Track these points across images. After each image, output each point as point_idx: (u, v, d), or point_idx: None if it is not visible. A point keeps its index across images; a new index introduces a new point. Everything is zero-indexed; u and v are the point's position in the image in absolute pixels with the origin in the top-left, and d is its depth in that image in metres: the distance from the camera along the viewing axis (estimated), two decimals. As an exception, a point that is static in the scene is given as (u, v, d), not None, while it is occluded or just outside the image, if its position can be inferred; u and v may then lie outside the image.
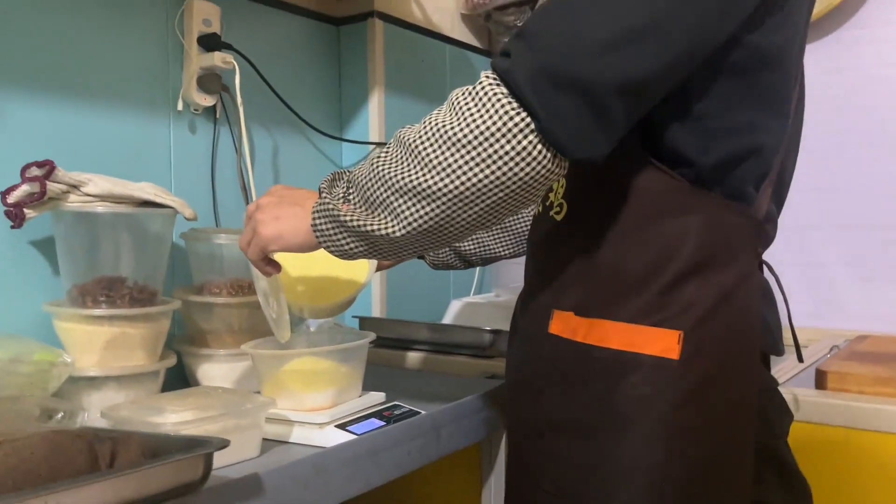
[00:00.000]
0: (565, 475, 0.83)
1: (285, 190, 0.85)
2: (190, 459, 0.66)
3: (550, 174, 0.69)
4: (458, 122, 0.68)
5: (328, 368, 1.00)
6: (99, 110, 1.18)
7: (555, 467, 0.83)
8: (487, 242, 1.15)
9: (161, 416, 0.84)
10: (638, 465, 0.77)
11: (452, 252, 1.17)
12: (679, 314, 0.76)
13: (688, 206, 0.77)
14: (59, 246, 1.06)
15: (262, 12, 1.44)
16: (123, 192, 1.05)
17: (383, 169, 0.73)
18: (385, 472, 0.92)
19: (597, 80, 0.66)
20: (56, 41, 1.13)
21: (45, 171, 0.99)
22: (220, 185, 1.36)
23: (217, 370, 1.18)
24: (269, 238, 0.82)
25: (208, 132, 1.35)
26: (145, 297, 1.07)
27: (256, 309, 1.18)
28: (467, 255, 1.18)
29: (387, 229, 0.73)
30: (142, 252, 1.08)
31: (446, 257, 1.17)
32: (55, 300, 1.06)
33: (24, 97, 1.09)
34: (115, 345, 1.03)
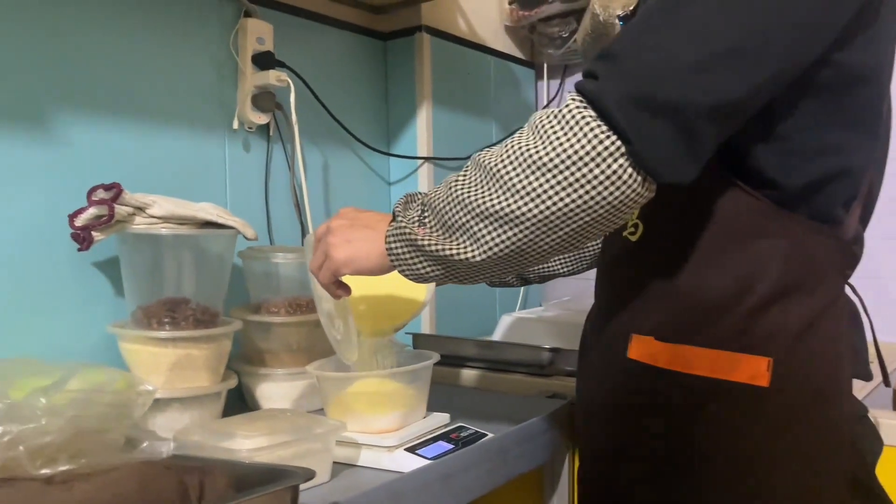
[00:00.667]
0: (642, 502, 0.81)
1: (356, 212, 0.84)
2: (278, 492, 0.65)
3: (639, 197, 0.68)
4: (544, 145, 0.67)
5: (395, 390, 0.99)
6: (158, 131, 1.19)
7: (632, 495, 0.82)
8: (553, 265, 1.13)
9: (234, 441, 0.83)
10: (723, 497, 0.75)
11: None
12: (767, 340, 0.74)
13: (773, 228, 0.75)
14: (124, 267, 1.06)
15: (310, 28, 1.44)
16: (186, 213, 1.05)
17: (462, 193, 0.72)
18: (457, 496, 0.91)
19: (688, 104, 0.65)
20: (116, 65, 1.13)
21: (113, 193, 0.99)
22: (273, 202, 1.36)
23: (276, 390, 1.18)
24: (341, 261, 0.81)
25: (262, 150, 1.35)
26: (208, 318, 1.07)
27: (314, 328, 1.18)
28: (525, 273, 1.17)
29: (466, 254, 0.72)
30: (204, 273, 1.08)
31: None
32: (119, 321, 1.07)
33: (88, 120, 1.10)
34: (179, 366, 1.03)
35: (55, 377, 0.68)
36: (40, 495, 0.59)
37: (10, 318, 1.01)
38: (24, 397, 0.65)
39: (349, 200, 1.50)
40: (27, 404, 0.64)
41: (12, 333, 1.00)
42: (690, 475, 0.76)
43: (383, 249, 0.79)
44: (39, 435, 0.62)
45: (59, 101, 1.07)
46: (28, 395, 0.65)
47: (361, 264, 0.81)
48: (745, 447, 0.74)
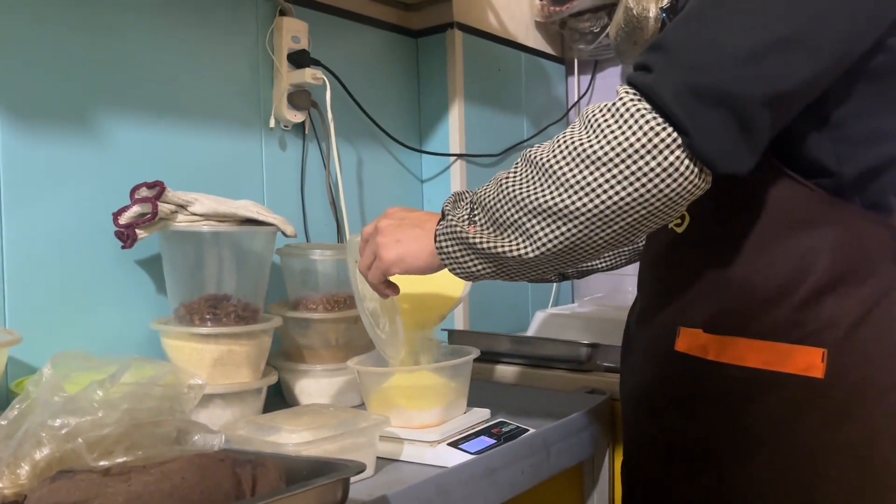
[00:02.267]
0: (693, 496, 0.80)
1: (403, 212, 0.84)
2: (331, 484, 0.65)
3: (696, 189, 0.67)
4: (598, 139, 0.67)
5: (437, 385, 0.99)
6: (198, 130, 1.20)
7: (681, 488, 0.81)
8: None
9: (280, 435, 0.84)
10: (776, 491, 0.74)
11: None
12: (820, 330, 0.73)
13: (824, 217, 0.74)
14: (167, 265, 1.07)
15: (344, 27, 1.45)
16: (227, 210, 1.05)
17: (514, 189, 0.72)
18: (501, 491, 0.90)
19: (744, 94, 0.64)
20: (157, 66, 1.15)
21: (156, 191, 1.00)
22: (309, 199, 1.37)
23: (315, 385, 1.18)
24: (391, 261, 0.81)
25: (297, 148, 1.36)
26: (249, 315, 1.07)
27: (353, 324, 1.19)
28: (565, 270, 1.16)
29: (519, 250, 0.71)
30: (245, 270, 1.09)
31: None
32: (162, 317, 1.08)
33: (130, 120, 1.11)
34: (221, 362, 1.04)
35: (109, 370, 0.69)
36: (100, 486, 0.59)
37: (57, 314, 1.02)
38: (82, 390, 0.65)
39: (383, 197, 1.51)
40: (84, 397, 0.65)
41: (59, 329, 1.02)
42: (743, 468, 0.75)
43: (433, 248, 0.78)
44: (97, 427, 0.63)
45: (102, 102, 1.08)
46: (85, 389, 0.65)
47: (411, 263, 0.81)
48: (799, 440, 0.73)
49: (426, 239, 0.79)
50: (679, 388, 0.81)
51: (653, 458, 0.85)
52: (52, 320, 1.02)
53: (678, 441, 0.81)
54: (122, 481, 0.60)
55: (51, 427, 0.62)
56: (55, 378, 0.67)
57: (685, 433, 0.80)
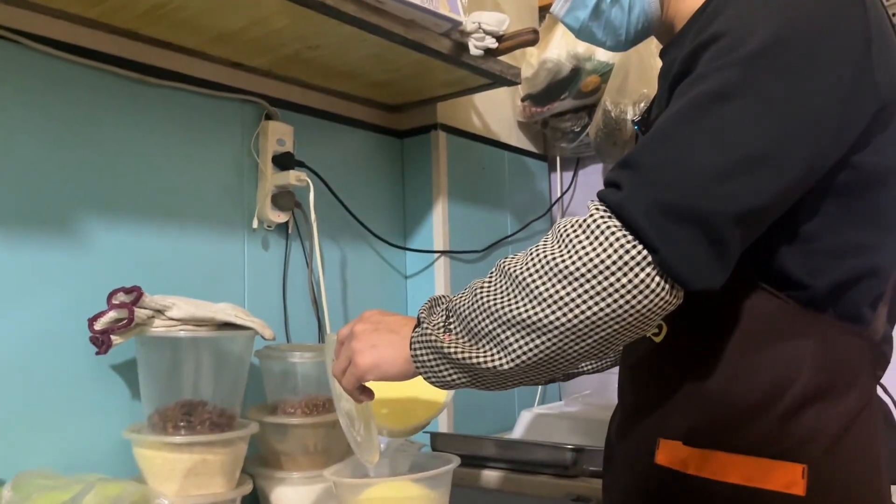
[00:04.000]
0: None
1: (379, 315, 0.84)
2: None
3: (668, 305, 0.67)
4: (570, 254, 0.67)
5: (417, 496, 0.96)
6: (179, 232, 1.20)
7: None
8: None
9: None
10: None
11: None
12: (801, 445, 0.72)
13: (800, 329, 0.74)
14: (142, 370, 1.05)
15: (329, 129, 1.48)
16: (205, 314, 1.05)
17: (488, 300, 0.72)
18: None
19: (715, 212, 0.65)
20: (139, 167, 1.16)
21: (134, 296, 0.99)
22: (291, 299, 1.36)
23: (292, 494, 1.15)
24: (366, 367, 0.80)
25: (280, 248, 1.36)
26: (224, 422, 1.05)
27: (332, 429, 1.16)
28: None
29: (493, 362, 0.71)
30: (222, 374, 1.07)
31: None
32: (135, 424, 1.05)
33: (110, 223, 1.12)
34: (195, 472, 1.01)
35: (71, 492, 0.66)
36: None
37: (27, 422, 1.00)
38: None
39: (366, 295, 1.50)
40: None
41: (28, 438, 0.99)
42: None
43: (408, 355, 0.78)
44: (53, 557, 0.60)
45: (83, 206, 1.09)
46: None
47: (386, 370, 0.80)
48: None
49: (402, 345, 0.79)
50: (659, 502, 0.78)
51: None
52: (22, 428, 0.99)
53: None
54: None
55: (4, 557, 0.60)
56: (16, 499, 0.65)
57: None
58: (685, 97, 0.70)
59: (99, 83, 1.12)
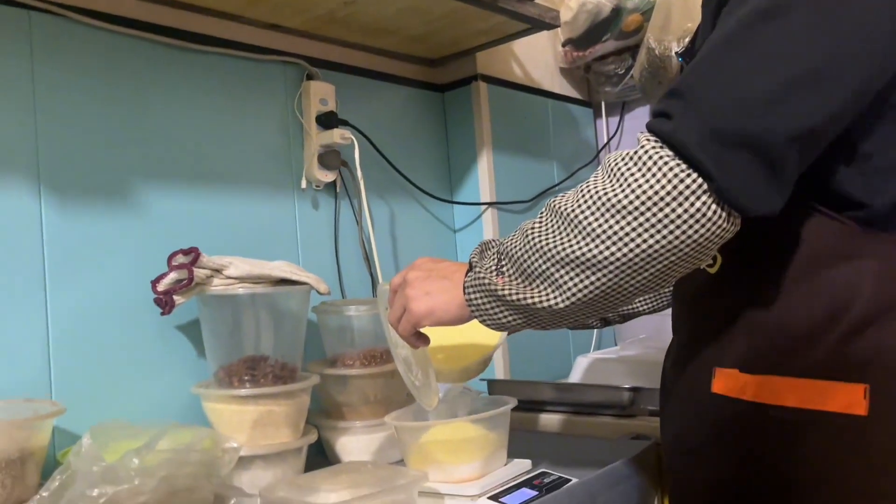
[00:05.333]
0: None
1: (431, 262, 0.85)
2: (366, 545, 0.64)
3: (725, 233, 0.67)
4: (622, 188, 0.67)
5: (475, 437, 0.98)
6: (232, 195, 1.23)
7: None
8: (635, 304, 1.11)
9: (318, 495, 0.84)
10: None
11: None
12: (862, 365, 0.71)
13: (860, 250, 0.72)
14: (205, 329, 1.09)
15: (370, 86, 1.49)
16: (261, 272, 1.07)
17: (540, 240, 0.72)
18: (545, 545, 0.88)
19: (769, 134, 0.64)
20: (191, 136, 1.19)
21: (192, 257, 1.03)
22: (343, 256, 1.39)
23: (355, 443, 1.18)
24: (421, 314, 0.81)
25: (329, 206, 1.38)
26: (286, 374, 1.08)
27: (390, 379, 1.19)
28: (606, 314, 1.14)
29: (549, 301, 0.71)
30: (281, 329, 1.10)
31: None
32: (202, 381, 1.09)
33: (165, 190, 1.15)
34: (261, 423, 1.04)
35: (146, 438, 0.70)
36: (137, 555, 0.60)
37: (101, 383, 1.05)
38: (118, 459, 0.67)
39: (416, 250, 1.52)
40: (121, 466, 0.66)
41: (104, 398, 1.04)
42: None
43: (462, 300, 0.79)
44: (134, 496, 0.64)
45: (139, 175, 1.12)
46: (122, 458, 0.66)
47: (441, 316, 0.82)
48: (847, 481, 0.70)
49: (455, 291, 0.80)
50: (717, 430, 0.78)
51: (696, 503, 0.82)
52: (96, 389, 1.04)
53: (718, 485, 0.78)
54: (159, 549, 0.61)
55: (89, 497, 0.63)
56: (94, 448, 0.68)
57: (724, 476, 0.77)
58: (731, 19, 0.68)
59: (144, 53, 1.15)
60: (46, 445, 0.87)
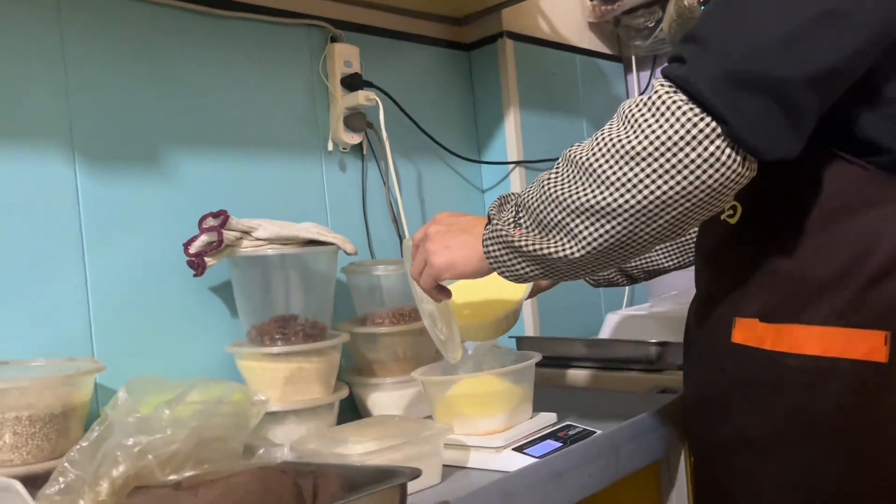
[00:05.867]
0: (763, 494, 0.78)
1: (451, 217, 0.86)
2: (387, 490, 0.67)
3: (740, 178, 0.66)
4: (636, 134, 0.67)
5: (500, 390, 0.99)
6: (259, 159, 1.25)
7: (751, 487, 0.79)
8: (653, 256, 1.11)
9: (346, 446, 0.86)
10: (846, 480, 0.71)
11: (616, 269, 1.14)
12: (883, 314, 0.70)
13: (883, 196, 0.71)
14: (236, 289, 1.12)
15: (395, 47, 1.48)
16: (289, 233, 1.10)
17: (555, 190, 0.72)
18: (568, 494, 0.90)
19: (785, 76, 0.63)
20: (216, 102, 1.21)
21: (221, 220, 1.05)
22: (372, 218, 1.40)
23: (386, 398, 1.21)
24: (441, 267, 0.83)
25: (356, 169, 1.40)
26: (316, 333, 1.11)
27: (419, 336, 1.21)
28: (630, 271, 1.15)
29: (564, 251, 0.72)
30: (310, 289, 1.13)
31: (609, 275, 1.15)
32: (236, 341, 1.13)
33: (194, 156, 1.17)
34: (293, 380, 1.07)
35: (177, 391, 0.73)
36: (170, 500, 0.63)
37: (140, 343, 1.09)
38: (153, 411, 0.70)
39: (444, 209, 1.52)
40: (155, 417, 0.69)
41: (141, 359, 1.08)
42: (806, 458, 0.72)
43: (482, 253, 0.80)
44: (166, 444, 0.67)
45: (169, 141, 1.15)
46: (155, 409, 0.70)
47: (461, 269, 0.83)
48: (864, 428, 0.70)
49: (475, 244, 0.81)
50: (739, 381, 0.79)
51: (717, 453, 0.83)
52: (135, 349, 1.08)
53: (740, 434, 0.79)
54: (191, 494, 0.64)
55: (125, 446, 0.67)
56: (129, 401, 0.72)
57: (745, 426, 0.78)
58: None
59: (171, 19, 1.16)
60: (88, 401, 0.92)
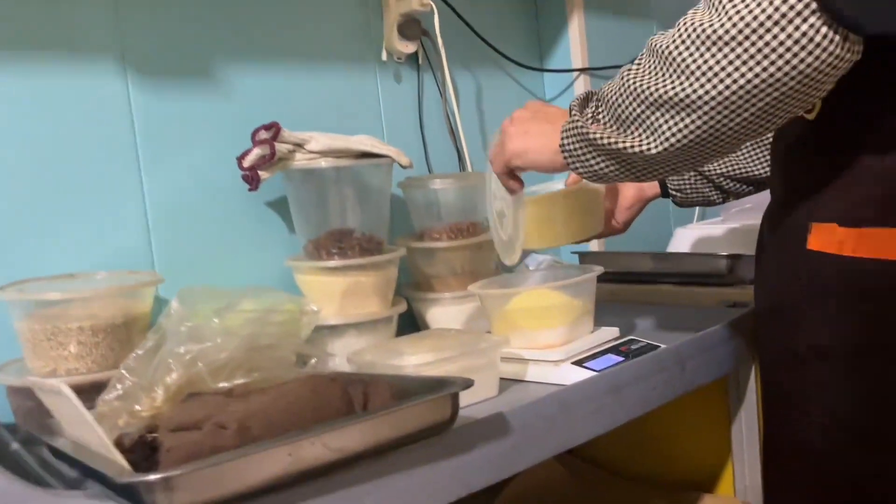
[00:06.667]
0: (840, 404, 0.73)
1: (541, 106, 0.84)
2: (439, 399, 0.66)
3: (838, 61, 0.59)
4: (721, 18, 0.60)
5: (559, 303, 0.96)
6: (312, 70, 1.22)
7: (826, 396, 0.74)
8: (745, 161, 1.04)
9: (402, 358, 0.86)
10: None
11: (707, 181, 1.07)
12: None
13: None
14: (292, 203, 1.11)
15: (451, -51, 1.41)
16: (343, 145, 1.07)
17: (635, 82, 0.67)
18: (629, 408, 0.87)
19: None
20: (268, 11, 1.17)
21: (273, 132, 1.03)
22: (429, 131, 1.37)
23: (445, 313, 1.20)
24: (514, 152, 0.81)
25: (412, 79, 1.35)
26: (373, 247, 1.10)
27: (477, 251, 1.19)
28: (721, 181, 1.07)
29: (641, 146, 0.68)
30: (366, 203, 1.11)
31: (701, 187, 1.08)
32: (294, 255, 1.13)
33: (246, 68, 1.15)
34: (350, 293, 1.07)
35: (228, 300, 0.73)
36: (222, 405, 0.63)
37: (199, 258, 1.10)
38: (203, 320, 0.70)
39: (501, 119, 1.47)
40: (206, 326, 0.69)
41: (202, 272, 1.09)
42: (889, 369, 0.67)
43: (558, 146, 0.77)
44: (217, 352, 0.67)
45: (221, 53, 1.13)
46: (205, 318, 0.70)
47: (534, 157, 0.81)
48: None
49: (553, 135, 0.78)
50: (815, 288, 0.73)
51: (789, 364, 0.78)
52: (194, 265, 1.09)
53: (814, 343, 0.74)
54: (242, 401, 0.64)
55: (177, 354, 0.67)
56: (181, 310, 0.72)
57: (821, 334, 0.73)
58: None
59: (215, -74, 1.12)
60: (149, 312, 0.93)
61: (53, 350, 0.86)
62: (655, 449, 1.19)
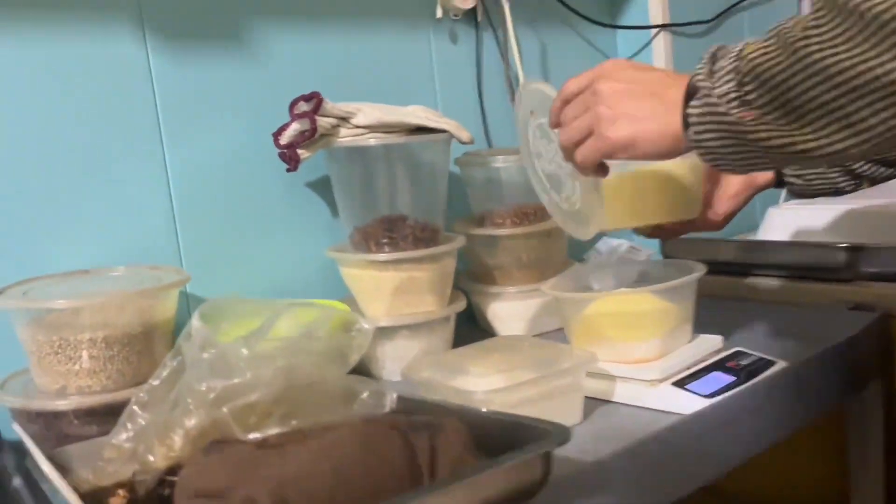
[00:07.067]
0: None
1: (632, 70, 0.63)
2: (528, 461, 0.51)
3: None
4: None
5: (654, 310, 0.80)
6: (356, 31, 1.07)
7: None
8: None
9: (467, 379, 0.71)
10: None
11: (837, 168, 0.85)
12: None
13: None
14: (336, 185, 0.97)
15: None
16: (394, 118, 0.92)
17: (822, 55, 0.49)
18: (745, 445, 0.72)
19: None
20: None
21: (314, 105, 0.89)
22: (489, 99, 1.21)
23: (508, 309, 1.05)
24: (618, 143, 0.61)
25: (470, 39, 1.19)
26: (428, 236, 0.95)
27: (546, 239, 1.04)
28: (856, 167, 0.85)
29: (833, 146, 0.50)
30: (419, 185, 0.96)
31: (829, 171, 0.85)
32: (338, 244, 0.99)
33: (281, 30, 1.00)
34: (402, 290, 0.93)
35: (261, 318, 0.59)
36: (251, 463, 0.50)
37: (231, 246, 0.96)
38: (229, 345, 0.56)
39: (574, 87, 1.30)
40: (231, 354, 0.55)
41: (228, 264, 0.96)
42: None
43: (680, 132, 0.58)
44: (244, 391, 0.53)
45: (251, 14, 0.98)
46: (232, 344, 0.56)
47: (646, 149, 0.61)
48: None
49: (669, 117, 0.59)
50: None
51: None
52: (225, 254, 0.96)
53: None
54: (276, 454, 0.51)
55: (198, 392, 0.54)
56: (204, 330, 0.58)
57: None
58: None
59: None
60: (172, 317, 0.80)
61: (62, 365, 0.74)
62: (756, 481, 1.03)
